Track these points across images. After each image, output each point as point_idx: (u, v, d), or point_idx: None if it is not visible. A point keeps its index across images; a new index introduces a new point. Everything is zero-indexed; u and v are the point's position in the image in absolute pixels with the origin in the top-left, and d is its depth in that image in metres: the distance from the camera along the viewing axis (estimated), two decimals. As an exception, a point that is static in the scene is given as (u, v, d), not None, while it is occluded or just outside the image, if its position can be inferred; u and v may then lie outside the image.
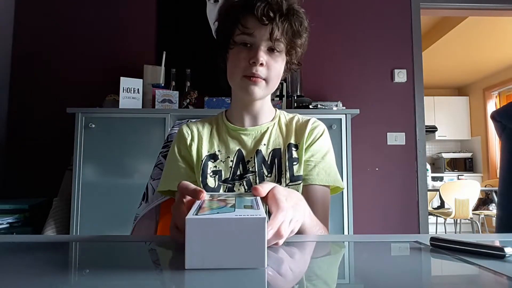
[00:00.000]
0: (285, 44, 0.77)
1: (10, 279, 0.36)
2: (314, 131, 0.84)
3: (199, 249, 0.38)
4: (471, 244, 0.46)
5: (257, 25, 0.74)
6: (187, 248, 0.38)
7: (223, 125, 0.87)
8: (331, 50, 2.60)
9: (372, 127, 2.55)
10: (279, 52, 0.77)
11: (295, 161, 0.81)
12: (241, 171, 0.81)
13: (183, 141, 0.85)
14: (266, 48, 0.76)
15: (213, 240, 0.38)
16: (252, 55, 0.75)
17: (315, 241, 0.57)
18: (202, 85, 2.39)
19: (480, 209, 4.37)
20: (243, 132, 0.84)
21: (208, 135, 0.86)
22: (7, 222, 1.97)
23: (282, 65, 0.80)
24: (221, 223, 0.38)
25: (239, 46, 0.77)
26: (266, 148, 0.82)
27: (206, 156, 0.82)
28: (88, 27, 2.56)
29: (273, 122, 0.86)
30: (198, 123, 0.88)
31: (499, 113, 1.16)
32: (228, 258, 0.38)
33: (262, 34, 0.75)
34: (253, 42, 0.76)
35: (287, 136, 0.84)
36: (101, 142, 2.06)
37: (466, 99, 6.00)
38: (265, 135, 0.84)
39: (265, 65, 0.76)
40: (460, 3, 2.75)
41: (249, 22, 0.75)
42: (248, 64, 0.75)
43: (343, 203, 2.05)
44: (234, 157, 0.82)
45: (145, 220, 0.92)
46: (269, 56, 0.77)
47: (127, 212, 1.30)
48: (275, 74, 0.78)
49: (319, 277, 0.40)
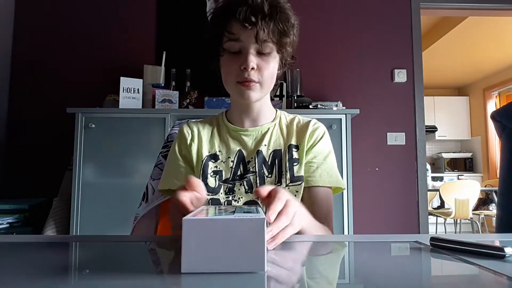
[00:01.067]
0: (274, 43, 0.76)
1: (10, 279, 0.36)
2: (315, 132, 0.85)
3: (196, 252, 0.36)
4: (471, 244, 0.46)
5: (242, 30, 0.73)
6: (184, 251, 0.36)
7: (224, 126, 0.87)
8: (331, 50, 2.60)
9: (372, 127, 2.55)
10: (269, 53, 0.77)
11: (295, 162, 0.81)
12: (242, 171, 0.81)
13: (183, 141, 0.85)
14: (256, 51, 0.75)
15: (211, 243, 0.36)
16: (242, 61, 0.74)
17: (315, 241, 0.57)
18: (202, 85, 2.39)
19: (480, 209, 4.37)
20: (243, 132, 0.85)
21: (208, 135, 0.86)
22: (7, 222, 1.97)
23: (274, 64, 0.79)
24: (219, 224, 0.37)
25: (229, 53, 0.77)
26: (266, 149, 0.83)
27: (207, 156, 0.82)
28: (88, 27, 2.56)
29: (273, 123, 0.87)
30: (199, 123, 0.89)
31: (499, 113, 1.16)
32: (226, 262, 0.36)
33: (248, 38, 0.74)
34: (241, 47, 0.75)
35: (288, 137, 0.85)
36: (101, 142, 2.06)
37: (466, 99, 6.00)
38: (266, 136, 0.84)
39: (256, 68, 0.75)
40: (460, 3, 2.75)
41: (234, 27, 0.74)
42: (239, 70, 0.75)
43: (343, 203, 2.05)
44: (234, 157, 0.82)
45: (145, 220, 0.92)
46: (260, 58, 0.76)
47: (127, 212, 1.30)
48: (269, 75, 0.78)
49: (319, 277, 0.40)
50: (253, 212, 0.44)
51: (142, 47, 2.54)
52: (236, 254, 0.36)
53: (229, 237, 0.37)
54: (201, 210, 0.47)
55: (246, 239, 0.37)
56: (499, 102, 5.52)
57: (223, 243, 0.37)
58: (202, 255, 0.36)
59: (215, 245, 0.36)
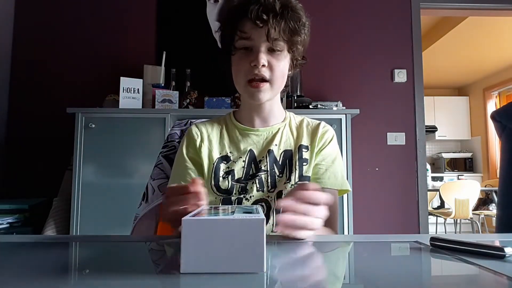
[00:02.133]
0: (285, 42, 0.77)
1: (10, 279, 0.36)
2: (325, 135, 0.86)
3: (196, 252, 0.36)
4: (471, 244, 0.46)
5: (253, 28, 0.75)
6: (183, 251, 0.36)
7: (233, 126, 0.87)
8: (331, 50, 2.60)
9: (372, 127, 2.55)
10: (280, 51, 0.78)
11: (305, 162, 0.82)
12: (254, 171, 0.82)
13: (192, 143, 0.85)
14: (267, 49, 0.76)
15: (210, 243, 0.36)
16: (253, 58, 0.75)
17: (315, 242, 0.57)
18: (202, 85, 2.39)
19: (480, 209, 4.37)
20: (254, 132, 0.85)
21: (218, 136, 0.86)
22: (7, 222, 1.97)
23: (285, 63, 0.80)
24: (219, 224, 0.37)
25: (241, 51, 0.78)
26: (277, 149, 0.84)
27: (218, 158, 0.83)
28: (88, 27, 2.56)
29: (284, 123, 0.88)
30: (207, 124, 0.88)
31: (499, 113, 1.16)
32: (226, 262, 0.36)
33: (259, 36, 0.75)
34: (253, 45, 0.76)
35: (298, 137, 0.86)
36: (101, 142, 2.06)
37: (466, 99, 6.00)
38: (277, 136, 0.85)
39: (267, 66, 0.76)
40: (460, 3, 2.75)
41: (246, 26, 0.76)
42: (250, 67, 0.76)
43: (343, 203, 2.05)
44: (246, 157, 0.82)
45: (145, 220, 0.92)
46: (271, 56, 0.77)
47: (127, 212, 1.30)
48: (279, 74, 0.78)
49: (319, 278, 0.40)
50: (253, 212, 0.44)
51: (142, 47, 2.54)
52: (235, 254, 0.36)
53: (229, 237, 0.37)
54: (200, 210, 0.47)
55: (245, 239, 0.37)
56: (499, 102, 5.52)
57: (222, 243, 0.36)
58: (201, 255, 0.36)
59: (214, 246, 0.36)
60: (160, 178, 0.95)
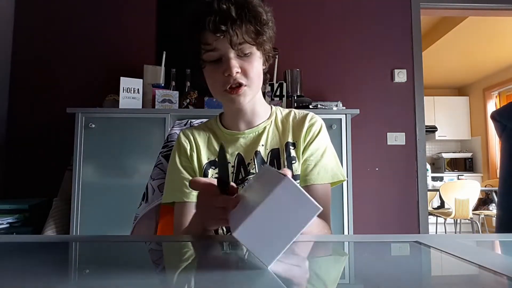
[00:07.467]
0: (251, 44, 0.75)
1: (10, 279, 0.36)
2: (312, 128, 0.83)
3: (265, 246, 0.37)
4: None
5: (216, 39, 0.72)
6: (256, 253, 0.37)
7: (220, 131, 0.86)
8: (331, 50, 2.59)
9: (372, 127, 2.55)
10: (249, 53, 0.76)
11: (293, 160, 0.81)
12: (243, 174, 0.81)
13: (183, 151, 0.84)
14: (236, 55, 0.74)
15: (270, 228, 0.38)
16: (225, 67, 0.73)
17: (315, 241, 0.57)
18: (202, 85, 2.38)
19: (480, 209, 4.37)
20: (240, 135, 0.84)
21: (205, 142, 0.85)
22: (7, 222, 1.97)
23: (258, 63, 0.78)
24: (263, 209, 0.38)
25: (210, 63, 0.76)
26: (264, 149, 0.82)
27: (206, 163, 0.82)
28: (88, 27, 2.56)
29: (269, 120, 0.86)
30: (194, 130, 0.87)
31: (499, 113, 1.16)
32: (290, 229, 0.38)
33: (224, 45, 0.73)
34: (220, 55, 0.74)
35: (284, 134, 0.84)
36: (101, 142, 2.06)
37: (466, 99, 5.99)
38: (263, 136, 0.83)
39: (241, 72, 0.74)
40: (460, 3, 2.75)
41: (208, 38, 0.73)
42: (224, 77, 0.74)
43: (343, 203, 2.05)
44: (234, 161, 0.82)
45: (145, 220, 0.92)
46: (242, 61, 0.75)
47: (127, 212, 1.30)
48: (255, 75, 0.77)
49: (319, 277, 0.40)
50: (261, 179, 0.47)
51: (142, 47, 2.54)
52: (290, 219, 0.38)
53: (276, 211, 0.38)
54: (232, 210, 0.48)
55: (286, 200, 0.38)
56: (499, 102, 5.51)
57: (277, 220, 0.38)
58: (270, 243, 0.38)
59: (274, 227, 0.38)
60: (160, 178, 0.95)
